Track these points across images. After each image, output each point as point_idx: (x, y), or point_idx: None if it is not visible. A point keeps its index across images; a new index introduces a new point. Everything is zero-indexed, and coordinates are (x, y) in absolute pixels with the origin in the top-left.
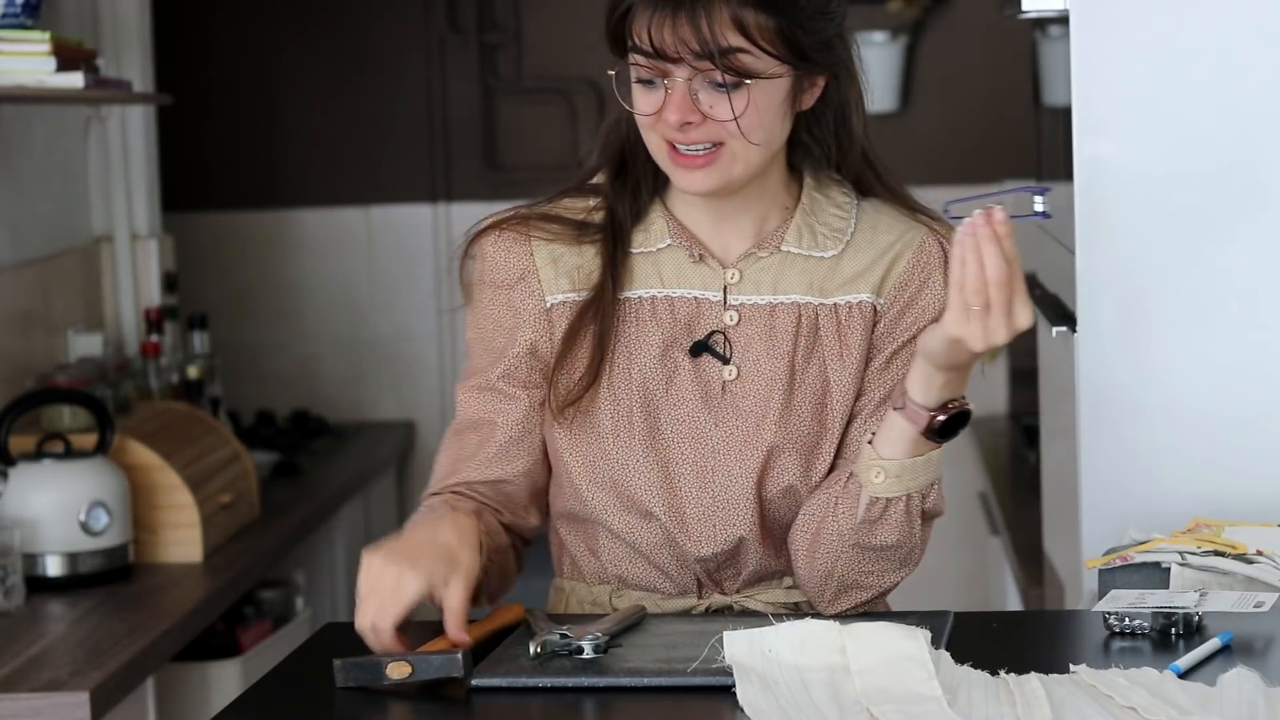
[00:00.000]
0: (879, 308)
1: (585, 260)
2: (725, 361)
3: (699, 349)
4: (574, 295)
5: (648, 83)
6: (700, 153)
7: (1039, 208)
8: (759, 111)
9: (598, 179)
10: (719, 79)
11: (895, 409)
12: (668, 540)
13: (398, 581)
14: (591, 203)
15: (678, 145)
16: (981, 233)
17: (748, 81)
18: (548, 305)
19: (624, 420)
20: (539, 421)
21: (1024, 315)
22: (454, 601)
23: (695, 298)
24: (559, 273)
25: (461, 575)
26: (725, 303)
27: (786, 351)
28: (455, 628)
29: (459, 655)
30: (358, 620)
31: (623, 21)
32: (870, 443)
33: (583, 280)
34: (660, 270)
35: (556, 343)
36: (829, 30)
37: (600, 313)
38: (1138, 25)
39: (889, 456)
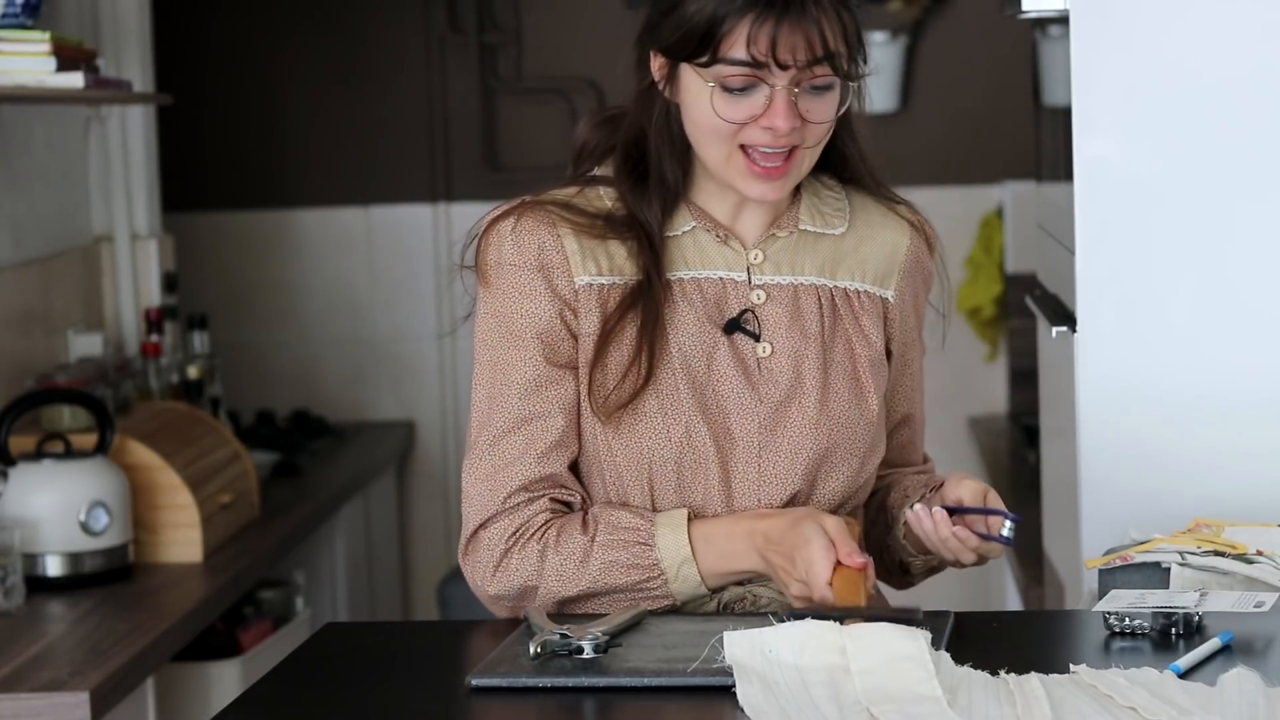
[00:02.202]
0: (888, 301)
1: (613, 251)
2: (757, 339)
3: (732, 327)
4: (602, 280)
5: (740, 90)
6: (780, 160)
7: (1005, 532)
8: (835, 112)
9: (601, 170)
10: (819, 82)
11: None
12: (711, 515)
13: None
14: (605, 194)
15: (760, 152)
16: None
17: (851, 84)
18: (577, 286)
19: (670, 399)
20: (577, 404)
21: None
22: (832, 526)
23: (721, 278)
24: (585, 258)
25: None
26: (750, 282)
27: (816, 331)
28: (847, 553)
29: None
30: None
31: (725, 30)
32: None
33: (615, 268)
34: (685, 253)
35: (586, 329)
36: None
37: (651, 301)
38: (1138, 25)
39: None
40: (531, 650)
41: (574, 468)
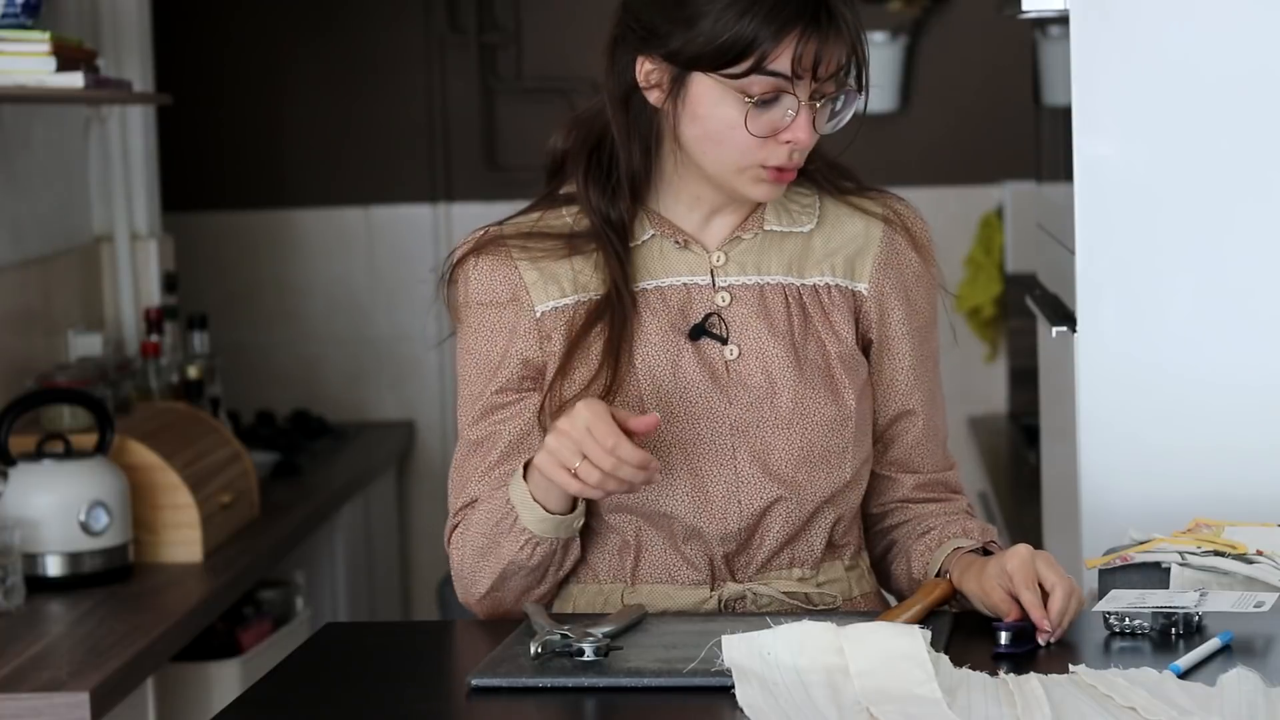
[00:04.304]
0: (860, 294)
1: (578, 268)
2: (724, 342)
3: (697, 332)
4: (567, 300)
5: (763, 104)
6: (793, 168)
7: (1002, 641)
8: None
9: (568, 189)
10: (830, 95)
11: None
12: (690, 524)
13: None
14: (566, 212)
15: (783, 166)
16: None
17: (857, 94)
18: (538, 315)
19: (636, 410)
20: (535, 426)
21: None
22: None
23: (685, 284)
24: (548, 282)
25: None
26: (714, 285)
27: (784, 330)
28: (633, 420)
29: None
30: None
31: (757, 42)
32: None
33: (578, 286)
34: (647, 263)
35: (553, 349)
36: None
37: (619, 313)
38: (1138, 25)
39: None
40: (532, 650)
41: None
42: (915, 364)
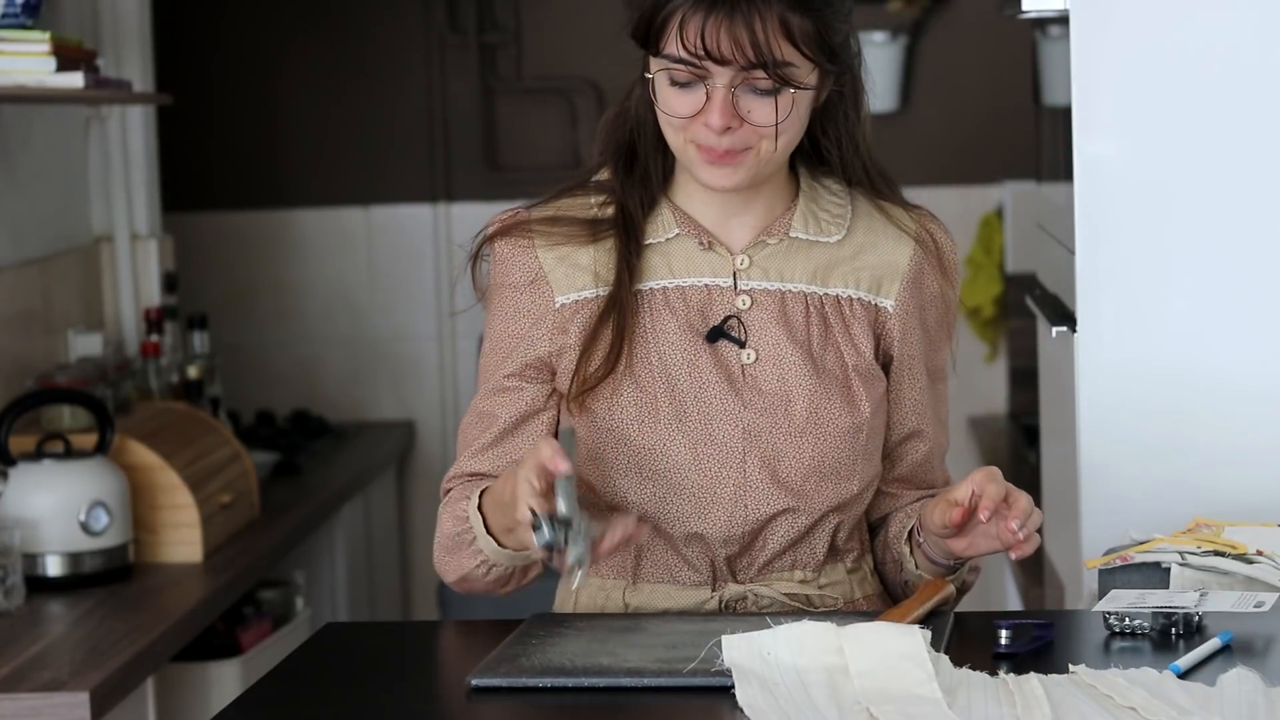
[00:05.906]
0: (884, 309)
1: (601, 257)
2: (741, 345)
3: (715, 334)
4: (589, 292)
5: (683, 85)
6: (728, 153)
7: (1003, 641)
8: (793, 116)
9: (602, 174)
10: (761, 85)
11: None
12: (692, 527)
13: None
14: (594, 199)
15: (708, 145)
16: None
17: (792, 90)
18: (557, 306)
19: (649, 407)
20: (540, 414)
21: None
22: (545, 449)
23: (706, 285)
24: (570, 272)
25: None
26: (735, 288)
27: (803, 339)
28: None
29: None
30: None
31: (663, 20)
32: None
33: (600, 277)
34: (670, 260)
35: (569, 341)
36: (847, 28)
37: (618, 306)
38: (1138, 25)
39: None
40: (536, 542)
41: None
42: (928, 387)
